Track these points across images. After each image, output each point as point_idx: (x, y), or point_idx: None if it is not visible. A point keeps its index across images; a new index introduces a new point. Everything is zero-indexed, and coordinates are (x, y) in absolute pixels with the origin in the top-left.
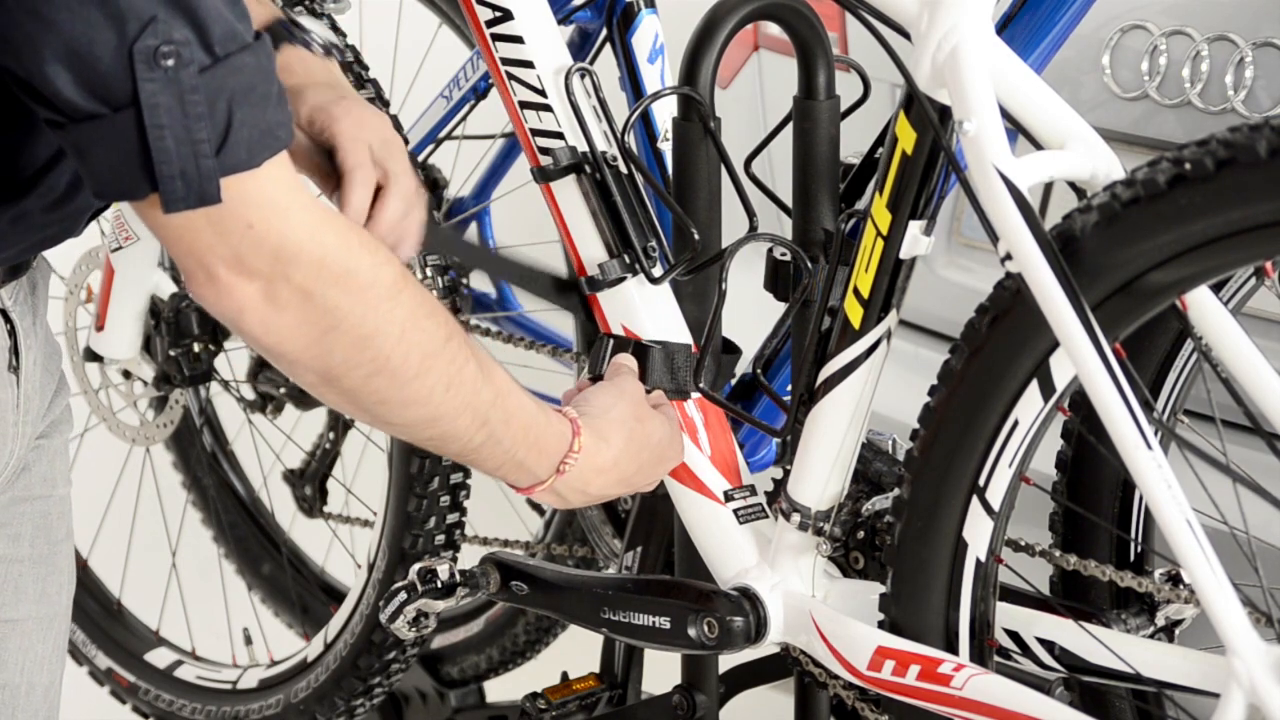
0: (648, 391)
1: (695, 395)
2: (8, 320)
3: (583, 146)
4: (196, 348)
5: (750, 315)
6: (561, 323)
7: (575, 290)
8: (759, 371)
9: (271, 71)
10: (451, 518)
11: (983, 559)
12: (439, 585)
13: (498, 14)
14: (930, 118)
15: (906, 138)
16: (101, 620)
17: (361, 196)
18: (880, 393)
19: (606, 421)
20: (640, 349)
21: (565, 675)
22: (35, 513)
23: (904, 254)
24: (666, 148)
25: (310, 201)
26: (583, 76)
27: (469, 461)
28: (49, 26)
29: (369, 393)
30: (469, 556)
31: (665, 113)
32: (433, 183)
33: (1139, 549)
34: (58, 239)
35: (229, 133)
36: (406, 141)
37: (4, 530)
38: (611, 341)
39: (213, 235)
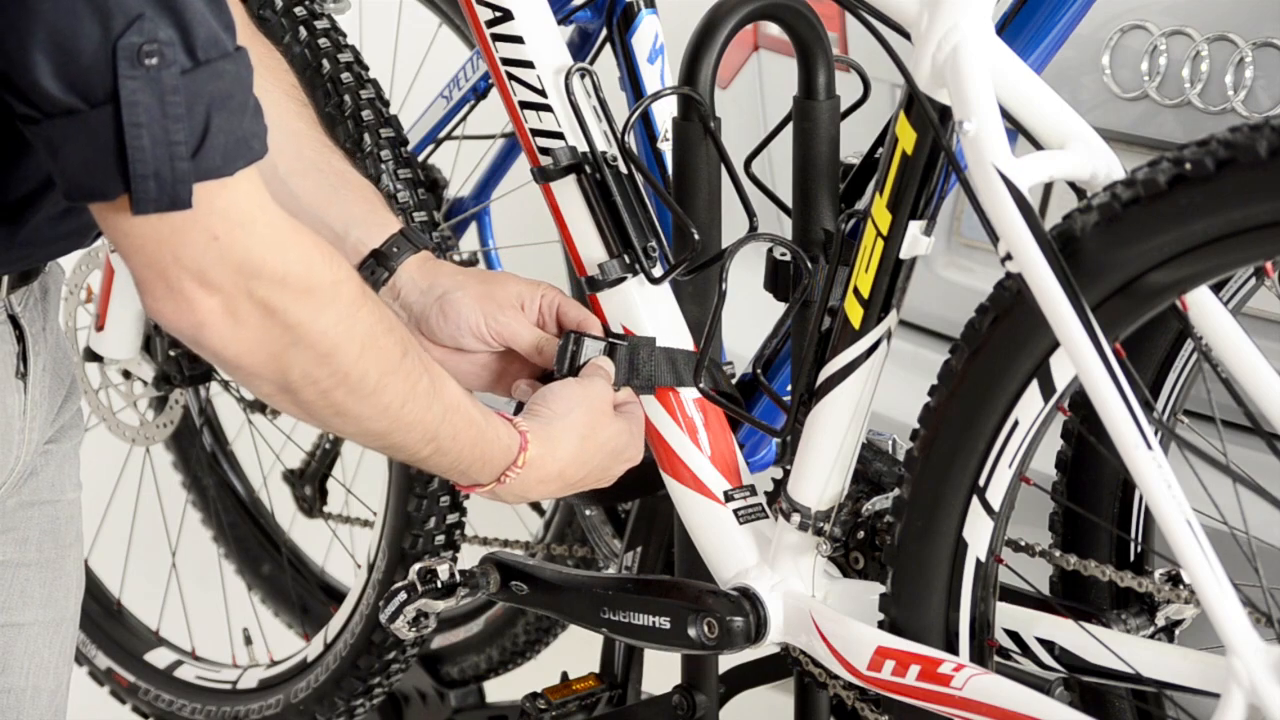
0: (618, 388)
1: (695, 395)
2: (16, 326)
3: (583, 146)
4: None
5: (750, 315)
6: None
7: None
8: (759, 371)
9: (250, 82)
10: (451, 518)
11: (983, 559)
12: (439, 585)
13: (498, 14)
14: (930, 118)
15: (906, 138)
16: (101, 620)
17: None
18: (880, 393)
19: (559, 428)
20: (609, 347)
21: (565, 675)
22: (43, 517)
23: (904, 254)
24: (666, 148)
25: (276, 217)
26: (583, 76)
27: (414, 465)
28: (33, 15)
29: (325, 405)
30: (469, 556)
31: (665, 113)
32: (433, 183)
33: (1139, 549)
34: (66, 250)
35: (206, 137)
36: (406, 142)
37: (11, 534)
38: (576, 339)
39: (177, 245)
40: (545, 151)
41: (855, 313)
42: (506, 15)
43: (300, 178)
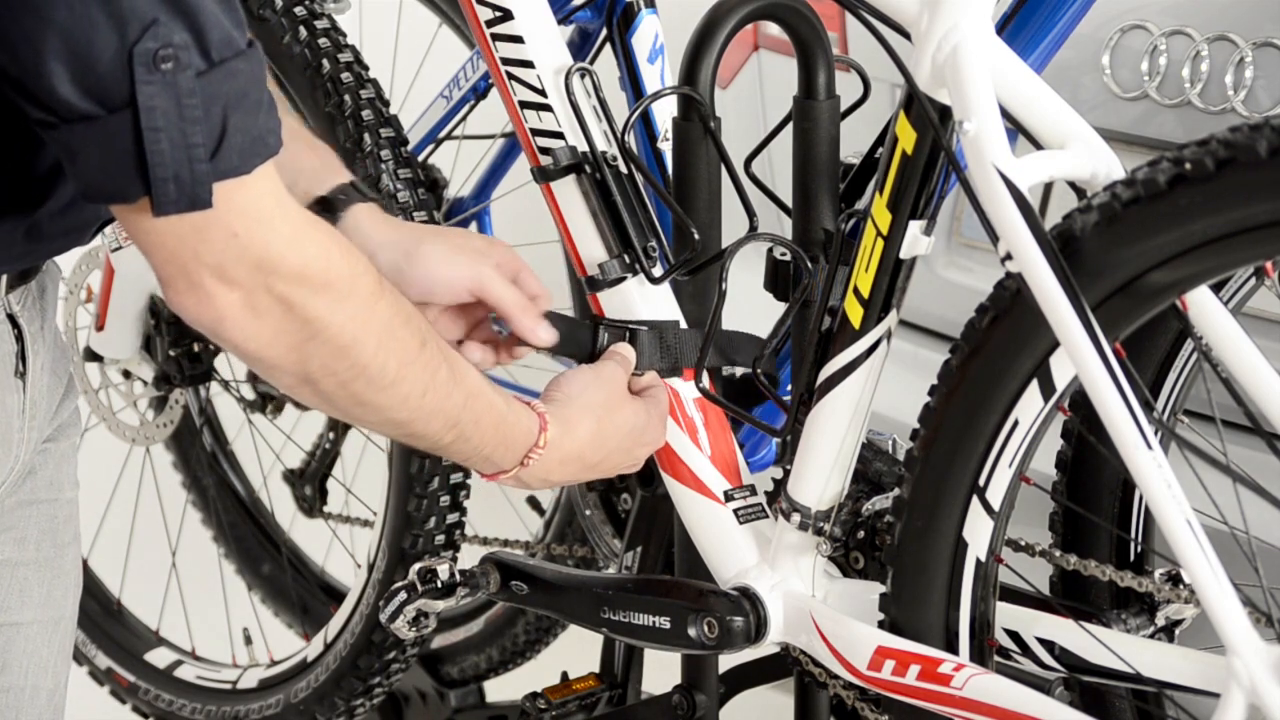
0: (640, 374)
1: (695, 395)
2: (15, 325)
3: (583, 146)
4: (196, 347)
5: (750, 315)
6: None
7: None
8: (759, 371)
9: (264, 79)
10: (451, 518)
11: (983, 559)
12: (439, 585)
13: (498, 14)
14: (930, 118)
15: (906, 138)
16: (101, 620)
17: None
18: (880, 393)
19: (575, 409)
20: (630, 333)
21: (565, 675)
22: (41, 516)
23: (904, 254)
24: (666, 148)
25: (293, 211)
26: (583, 76)
27: (437, 453)
28: (49, 24)
29: (346, 396)
30: (469, 556)
31: (665, 113)
32: (433, 183)
33: (1139, 549)
34: (66, 247)
35: (223, 138)
36: (406, 142)
37: (10, 534)
38: (598, 327)
39: (197, 242)
40: (545, 151)
41: (855, 312)
42: (506, 15)
43: None
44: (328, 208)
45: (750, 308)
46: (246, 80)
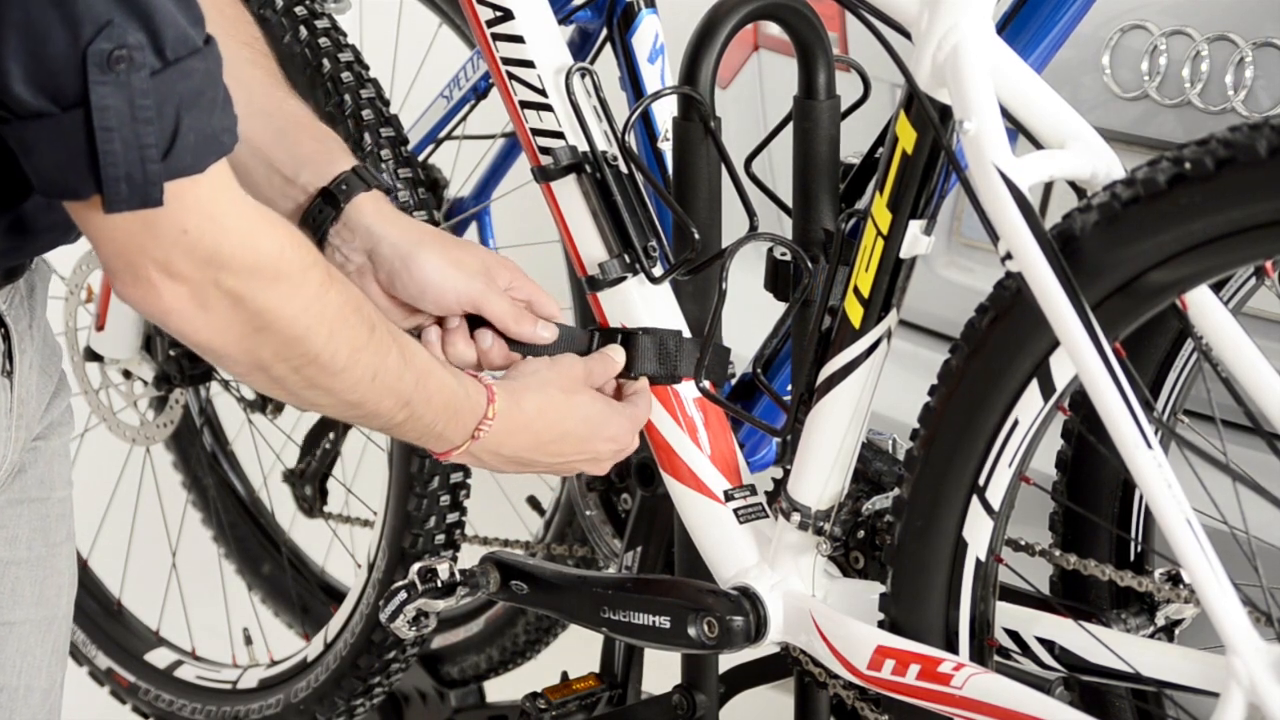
0: (634, 378)
1: (695, 395)
2: (1, 324)
3: (583, 146)
4: None
5: (750, 315)
6: None
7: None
8: (759, 371)
9: (219, 76)
10: (451, 517)
11: (983, 558)
12: (439, 585)
13: (498, 14)
14: (931, 117)
15: (907, 137)
16: (101, 620)
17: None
18: (880, 393)
19: (524, 384)
20: (627, 337)
21: (565, 675)
22: (33, 515)
23: (904, 253)
24: (667, 148)
25: (245, 207)
26: (583, 76)
27: (389, 433)
28: (4, 23)
29: (298, 381)
30: (469, 556)
31: (665, 112)
32: (433, 183)
33: (1139, 549)
34: (53, 244)
35: (176, 138)
36: (406, 142)
37: (1, 532)
38: (597, 333)
39: (146, 238)
40: (546, 151)
41: (855, 312)
42: (507, 15)
43: (247, 122)
44: (330, 200)
45: (750, 308)
46: (202, 79)
